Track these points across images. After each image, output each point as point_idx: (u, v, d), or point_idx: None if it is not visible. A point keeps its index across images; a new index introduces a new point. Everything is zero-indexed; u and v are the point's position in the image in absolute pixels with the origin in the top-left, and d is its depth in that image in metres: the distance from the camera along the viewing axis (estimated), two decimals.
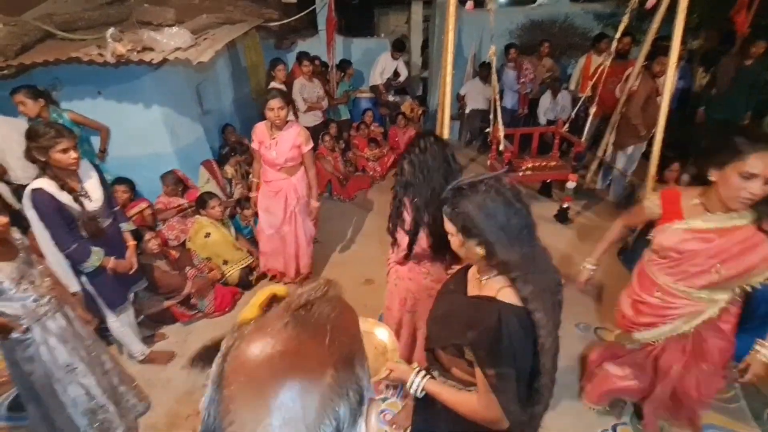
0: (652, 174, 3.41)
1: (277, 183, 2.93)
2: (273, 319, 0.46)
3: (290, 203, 2.98)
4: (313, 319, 0.46)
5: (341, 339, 0.45)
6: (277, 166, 2.86)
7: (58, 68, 3.10)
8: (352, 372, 0.44)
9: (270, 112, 2.69)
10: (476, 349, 1.05)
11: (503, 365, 1.01)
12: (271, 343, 0.43)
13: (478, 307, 1.09)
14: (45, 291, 1.74)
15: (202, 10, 3.96)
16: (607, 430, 2.14)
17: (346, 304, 0.52)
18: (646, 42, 3.85)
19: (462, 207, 1.05)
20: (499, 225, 1.02)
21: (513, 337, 1.00)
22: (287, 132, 2.79)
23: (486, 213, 1.02)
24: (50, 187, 1.93)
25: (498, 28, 3.56)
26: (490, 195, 1.03)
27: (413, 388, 1.19)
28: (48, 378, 1.77)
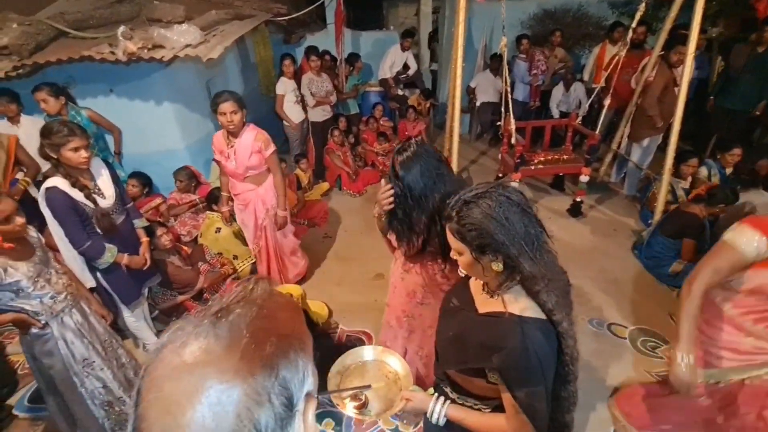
0: (668, 167, 3.33)
1: (244, 195, 2.72)
2: (186, 329, 0.43)
3: (259, 216, 2.78)
4: (228, 326, 0.43)
5: (261, 343, 0.43)
6: (240, 176, 2.64)
7: (72, 66, 3.15)
8: (275, 376, 0.42)
9: (221, 117, 2.41)
10: (505, 372, 0.97)
11: (533, 384, 0.96)
12: (180, 355, 0.41)
13: (497, 326, 1.01)
14: (61, 288, 1.78)
15: (212, 6, 3.97)
16: None
17: (277, 302, 0.49)
18: (664, 30, 3.74)
19: (474, 222, 0.95)
20: (520, 236, 0.94)
21: (539, 354, 0.94)
22: (243, 138, 2.53)
23: (503, 225, 0.94)
24: (63, 185, 1.96)
25: (509, 19, 3.48)
26: (503, 205, 0.95)
27: (435, 417, 1.13)
28: (67, 371, 1.82)
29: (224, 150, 2.59)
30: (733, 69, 4.24)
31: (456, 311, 1.18)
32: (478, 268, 1.01)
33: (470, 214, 0.97)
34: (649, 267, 3.24)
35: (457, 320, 1.15)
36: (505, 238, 0.94)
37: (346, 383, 1.22)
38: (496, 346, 0.98)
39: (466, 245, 0.99)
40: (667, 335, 2.66)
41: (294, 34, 5.83)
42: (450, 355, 1.15)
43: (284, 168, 4.06)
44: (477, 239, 0.96)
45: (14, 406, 2.37)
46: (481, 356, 1.01)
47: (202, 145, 4.01)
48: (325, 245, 3.81)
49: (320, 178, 4.90)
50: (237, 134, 2.52)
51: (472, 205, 0.97)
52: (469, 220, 0.97)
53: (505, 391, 1.00)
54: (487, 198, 0.97)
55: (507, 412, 1.02)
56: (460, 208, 0.99)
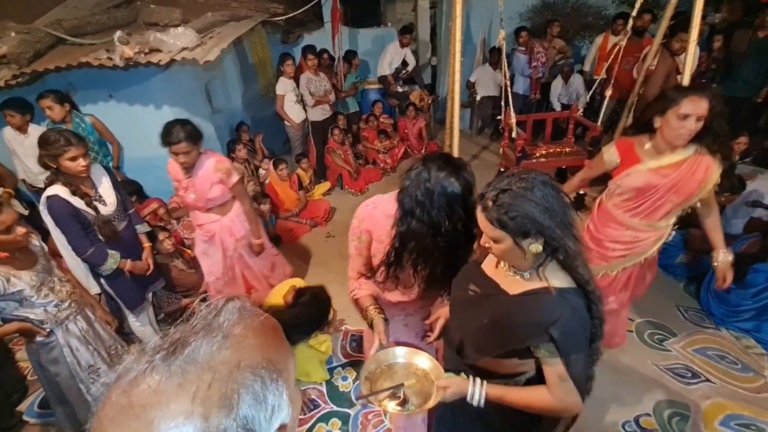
0: None
1: (208, 226, 2.45)
2: (140, 362, 0.40)
3: (228, 248, 2.51)
4: (182, 361, 0.39)
5: (221, 379, 0.38)
6: (201, 208, 2.40)
7: (71, 73, 3.16)
8: (235, 413, 0.38)
9: (174, 156, 2.17)
10: (562, 343, 1.00)
11: (581, 350, 1.03)
12: (129, 395, 0.37)
13: (540, 302, 1.04)
14: (65, 296, 1.79)
15: (207, 8, 3.96)
16: (629, 422, 2.10)
17: (246, 327, 0.44)
18: (665, 17, 3.68)
19: (516, 208, 0.97)
20: (560, 217, 0.98)
21: (583, 321, 1.02)
22: (202, 169, 2.25)
23: (545, 208, 0.97)
24: (64, 193, 1.97)
25: (507, 11, 3.45)
26: (540, 188, 0.98)
27: (475, 399, 1.13)
28: (73, 378, 1.83)
29: (182, 180, 2.29)
30: (735, 55, 4.17)
31: (482, 298, 1.16)
32: (516, 253, 1.03)
33: (510, 202, 0.98)
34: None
35: (488, 306, 1.13)
36: (549, 221, 0.97)
37: (377, 387, 1.22)
38: (546, 321, 1.00)
39: (508, 232, 1.00)
40: (675, 328, 2.64)
41: (291, 33, 5.80)
42: (487, 343, 1.13)
43: (285, 169, 4.07)
44: (520, 225, 0.98)
45: (24, 412, 2.39)
46: (530, 334, 1.03)
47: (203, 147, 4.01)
48: (328, 245, 3.81)
49: (321, 177, 4.89)
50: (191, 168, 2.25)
51: (510, 192, 0.98)
52: (510, 207, 0.98)
53: (550, 362, 1.03)
54: (524, 183, 0.99)
55: (550, 382, 1.06)
56: (496, 197, 1.00)
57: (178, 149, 2.11)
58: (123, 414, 0.37)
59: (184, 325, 0.44)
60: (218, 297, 0.46)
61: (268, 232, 3.73)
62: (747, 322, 2.52)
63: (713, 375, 2.31)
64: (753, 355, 2.42)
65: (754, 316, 2.49)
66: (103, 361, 1.91)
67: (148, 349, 0.41)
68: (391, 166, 5.18)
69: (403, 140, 5.36)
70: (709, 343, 2.53)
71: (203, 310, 0.45)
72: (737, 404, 2.15)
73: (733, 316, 2.58)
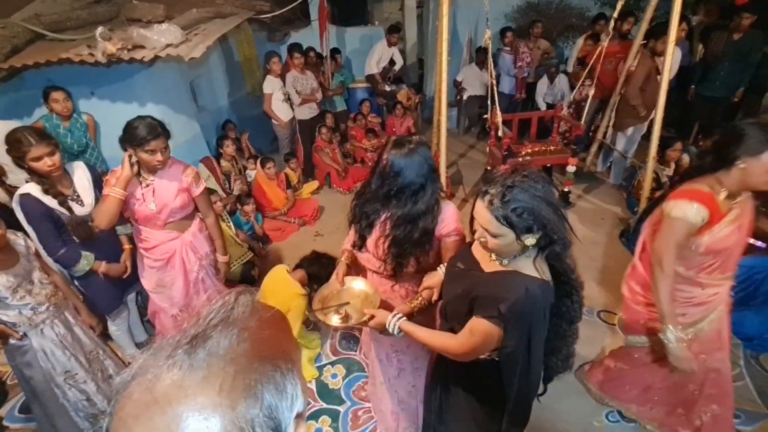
0: (653, 155, 3.38)
1: (164, 247, 2.09)
2: (157, 358, 0.40)
3: (190, 269, 2.17)
4: (205, 355, 0.39)
5: (244, 371, 0.39)
6: (160, 222, 2.03)
7: (50, 70, 3.08)
8: (260, 406, 0.39)
9: (147, 155, 1.83)
10: (507, 319, 1.07)
11: (521, 335, 1.09)
12: (152, 391, 0.37)
13: (504, 281, 1.11)
14: (43, 299, 1.74)
15: (192, 4, 3.90)
16: (612, 412, 2.15)
17: (260, 320, 0.45)
18: (645, 20, 3.78)
19: (524, 204, 1.00)
20: (559, 212, 1.04)
21: (534, 309, 1.07)
22: (168, 173, 1.98)
23: (550, 204, 1.02)
24: (37, 192, 1.91)
25: (493, 11, 3.49)
26: (544, 184, 1.03)
27: (390, 328, 1.30)
28: (48, 383, 1.78)
29: (134, 190, 1.94)
30: (712, 56, 4.30)
31: (463, 273, 1.27)
32: (512, 247, 1.08)
33: (519, 198, 1.00)
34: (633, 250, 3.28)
35: (465, 280, 1.24)
36: (553, 215, 1.02)
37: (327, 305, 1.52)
38: (502, 297, 1.08)
39: (513, 229, 1.03)
40: None
41: (278, 31, 5.76)
42: (457, 310, 1.24)
43: (273, 167, 4.04)
44: (525, 221, 1.01)
45: (4, 417, 2.33)
46: (488, 306, 1.11)
47: (188, 147, 3.96)
48: (316, 243, 3.80)
49: (309, 176, 4.88)
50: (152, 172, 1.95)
51: (516, 189, 1.01)
52: (519, 204, 1.00)
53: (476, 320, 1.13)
54: (526, 178, 1.03)
55: (465, 329, 1.16)
56: (503, 194, 1.01)
57: (158, 145, 1.83)
58: (148, 410, 0.36)
59: (198, 320, 0.44)
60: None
61: (256, 231, 3.71)
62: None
63: None
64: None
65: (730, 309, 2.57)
66: (81, 366, 1.85)
67: (164, 345, 0.41)
68: None
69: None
70: None
71: (216, 304, 0.46)
72: None
73: None
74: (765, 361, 2.39)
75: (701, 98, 4.50)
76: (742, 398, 2.19)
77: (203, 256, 2.21)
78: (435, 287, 1.44)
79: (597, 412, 2.16)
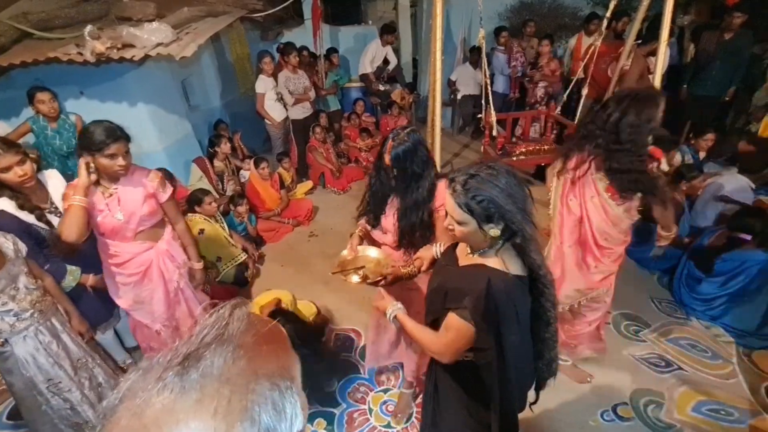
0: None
1: (139, 259, 1.97)
2: (147, 380, 0.38)
3: (170, 278, 2.08)
4: (198, 376, 0.37)
5: (239, 391, 0.37)
6: (130, 233, 1.91)
7: (38, 69, 3.02)
8: (258, 427, 0.37)
9: (108, 159, 1.71)
10: (471, 311, 1.11)
11: (490, 331, 1.10)
12: (140, 417, 0.35)
13: (470, 275, 1.15)
14: (27, 305, 1.66)
15: (183, 3, 3.85)
16: (607, 411, 2.16)
17: (257, 335, 0.43)
18: (637, 20, 3.80)
19: (484, 193, 1.04)
20: (522, 204, 1.06)
21: (498, 301, 1.08)
22: (131, 179, 1.86)
23: (510, 196, 1.05)
24: (11, 208, 1.80)
25: (487, 11, 3.49)
26: (505, 176, 1.06)
27: (388, 314, 1.37)
28: (29, 390, 1.72)
29: (97, 202, 1.81)
30: (703, 56, 4.34)
31: (442, 268, 1.34)
32: (477, 236, 1.11)
33: (478, 187, 1.05)
34: (630, 252, 3.29)
35: (442, 274, 1.30)
36: (513, 206, 1.05)
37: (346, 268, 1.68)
38: (466, 289, 1.12)
39: (474, 216, 1.07)
40: (649, 319, 2.73)
41: (271, 30, 5.72)
42: (433, 304, 1.28)
43: (267, 168, 4.01)
44: (486, 209, 1.05)
45: None
46: (456, 298, 1.15)
47: (180, 147, 3.92)
48: (311, 244, 3.78)
49: (303, 176, 4.85)
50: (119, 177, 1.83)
51: (477, 178, 1.06)
52: (477, 192, 1.05)
53: (457, 317, 1.14)
54: (491, 170, 1.07)
55: (441, 327, 1.19)
56: (465, 181, 1.06)
57: (118, 149, 1.71)
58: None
59: (190, 337, 0.42)
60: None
61: (250, 232, 3.68)
62: (716, 311, 2.63)
63: (685, 363, 2.41)
64: (721, 343, 2.53)
65: (724, 303, 2.60)
66: (66, 374, 1.78)
67: (154, 366, 0.39)
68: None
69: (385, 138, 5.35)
70: (681, 333, 2.63)
71: (210, 319, 0.43)
72: (708, 390, 2.24)
73: (704, 305, 2.69)
74: (757, 359, 2.42)
75: (693, 97, 4.53)
76: (735, 395, 2.21)
77: (181, 264, 2.12)
78: (426, 259, 1.54)
79: (592, 412, 2.16)
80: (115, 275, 1.99)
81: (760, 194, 3.30)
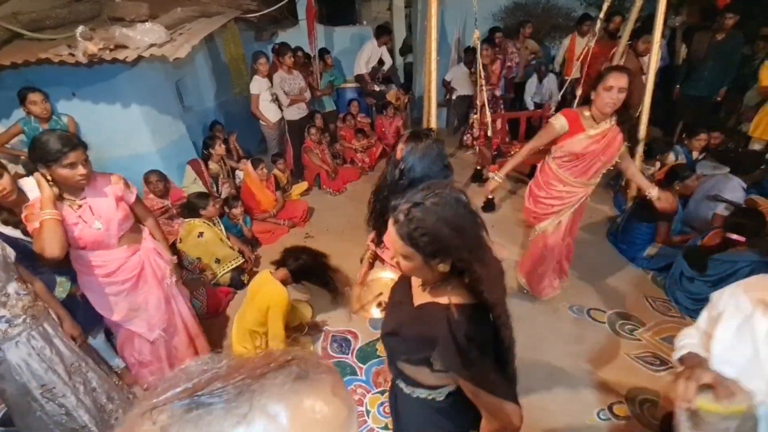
0: (639, 154, 3.43)
1: (130, 264, 1.94)
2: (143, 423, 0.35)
3: (164, 275, 2.08)
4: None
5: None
6: (113, 240, 1.87)
7: (29, 70, 2.98)
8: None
9: (67, 170, 1.64)
10: (446, 362, 0.99)
11: (473, 362, 0.96)
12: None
13: (427, 316, 1.03)
14: (19, 311, 1.64)
15: (177, 3, 3.82)
16: (603, 410, 2.17)
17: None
18: (630, 21, 3.83)
19: (427, 226, 0.91)
20: (471, 239, 0.94)
21: (469, 334, 0.95)
22: (96, 187, 1.81)
23: (456, 230, 0.91)
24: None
25: (481, 11, 3.50)
26: (453, 207, 0.92)
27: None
28: (23, 396, 1.70)
29: (67, 215, 1.72)
30: (695, 57, 4.39)
31: (396, 305, 1.18)
32: (424, 271, 0.99)
33: (422, 218, 0.91)
34: (624, 252, 3.33)
35: (396, 314, 1.16)
36: (459, 242, 0.92)
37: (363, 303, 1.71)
38: (430, 338, 0.98)
39: (417, 250, 0.94)
40: (644, 318, 2.75)
41: (265, 31, 5.70)
42: (394, 347, 1.15)
43: (264, 169, 3.99)
44: (429, 245, 0.92)
45: None
46: (422, 348, 1.02)
47: (174, 148, 3.89)
48: (307, 245, 3.76)
49: (299, 177, 4.83)
50: (83, 188, 1.76)
51: (421, 207, 0.92)
52: (421, 224, 0.91)
53: (457, 379, 1.00)
54: (436, 199, 0.92)
55: (473, 399, 1.00)
56: (408, 210, 0.93)
57: (77, 157, 1.63)
58: None
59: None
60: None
61: (245, 234, 3.66)
62: None
63: None
64: None
65: None
66: (60, 379, 1.76)
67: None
68: (369, 165, 5.17)
69: (380, 139, 5.36)
70: (675, 331, 2.62)
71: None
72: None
73: (697, 304, 2.72)
74: None
75: (686, 97, 4.58)
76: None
77: (169, 260, 2.11)
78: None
79: (589, 411, 2.17)
80: (104, 287, 1.91)
81: (752, 194, 3.34)
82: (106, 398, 1.96)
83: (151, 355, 2.16)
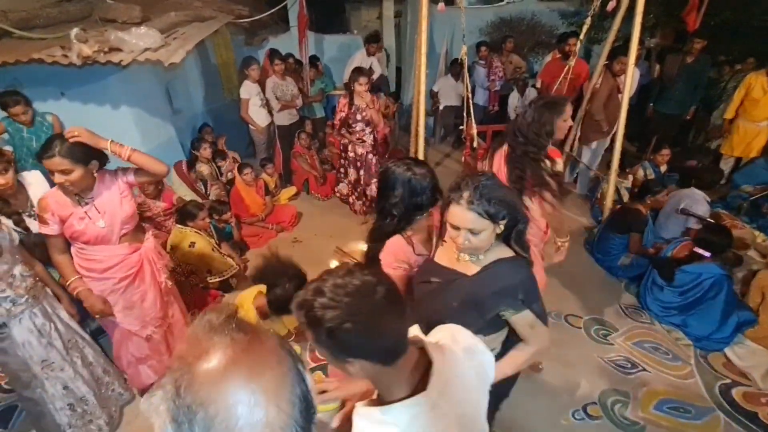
0: (614, 168, 3.61)
1: (129, 261, 1.95)
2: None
3: (159, 276, 2.09)
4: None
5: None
6: (114, 237, 1.88)
7: (16, 68, 2.95)
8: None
9: (52, 175, 1.71)
10: (527, 298, 1.21)
11: (540, 298, 1.25)
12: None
13: (500, 272, 1.23)
14: (23, 291, 1.73)
15: (169, 6, 3.85)
16: (578, 410, 2.30)
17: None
18: (608, 41, 4.05)
19: (500, 196, 1.17)
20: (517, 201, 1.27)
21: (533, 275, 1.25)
22: (104, 183, 1.84)
23: (509, 190, 1.28)
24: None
25: (468, 26, 3.63)
26: (496, 179, 1.22)
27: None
28: (24, 372, 1.78)
29: (73, 212, 1.77)
30: (667, 77, 4.66)
31: (445, 286, 1.29)
32: (490, 238, 1.19)
33: (493, 192, 1.15)
34: (600, 261, 3.50)
35: (453, 291, 1.27)
36: (516, 204, 1.22)
37: None
38: (511, 285, 1.21)
39: (492, 220, 1.16)
40: (617, 324, 2.91)
41: (256, 36, 5.73)
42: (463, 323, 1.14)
43: (250, 173, 4.01)
44: (502, 211, 1.17)
45: None
46: (500, 300, 1.22)
47: (163, 150, 3.88)
48: (295, 250, 3.80)
49: (287, 182, 4.87)
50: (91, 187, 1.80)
51: (488, 184, 1.16)
52: (493, 196, 1.15)
53: (519, 317, 1.23)
54: (487, 177, 1.19)
55: (524, 334, 1.26)
56: (479, 190, 1.14)
57: (51, 165, 1.62)
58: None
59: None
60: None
61: (233, 238, 3.68)
62: (676, 317, 2.84)
63: (649, 365, 2.59)
64: (681, 346, 2.73)
65: (681, 312, 2.82)
66: (58, 353, 1.85)
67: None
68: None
69: None
70: (645, 336, 2.81)
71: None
72: (668, 390, 2.42)
73: (666, 311, 2.90)
74: (713, 360, 2.62)
75: (658, 114, 4.85)
76: (693, 394, 2.39)
77: (167, 262, 2.19)
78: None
79: (565, 411, 2.29)
80: (101, 281, 1.92)
81: (717, 208, 3.56)
82: (102, 371, 2.07)
83: (150, 350, 2.18)
